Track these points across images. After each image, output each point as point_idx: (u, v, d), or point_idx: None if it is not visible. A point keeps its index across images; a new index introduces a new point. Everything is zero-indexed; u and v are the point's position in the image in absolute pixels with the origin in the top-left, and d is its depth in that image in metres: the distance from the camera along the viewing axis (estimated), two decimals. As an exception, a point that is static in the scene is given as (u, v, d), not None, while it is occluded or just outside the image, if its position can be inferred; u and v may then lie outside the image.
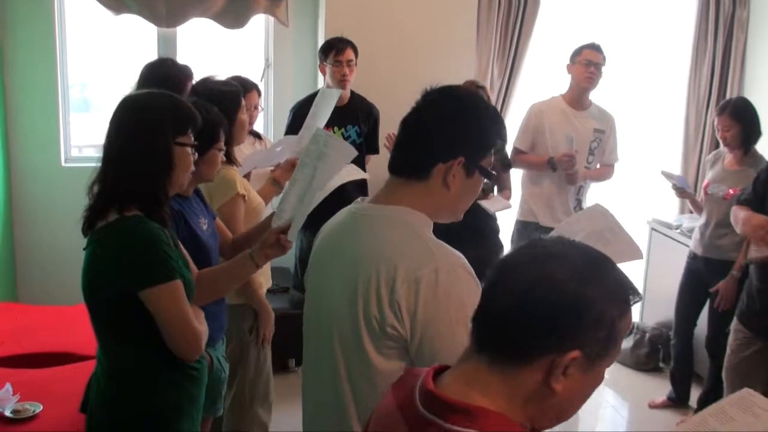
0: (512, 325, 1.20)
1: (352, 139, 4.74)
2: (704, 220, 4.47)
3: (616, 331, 1.21)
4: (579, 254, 1.23)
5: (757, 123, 4.30)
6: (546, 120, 4.83)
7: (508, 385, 1.21)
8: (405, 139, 1.83)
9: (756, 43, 5.64)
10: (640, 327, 5.38)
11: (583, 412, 4.89)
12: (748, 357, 3.71)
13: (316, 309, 1.89)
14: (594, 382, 1.25)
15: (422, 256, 1.69)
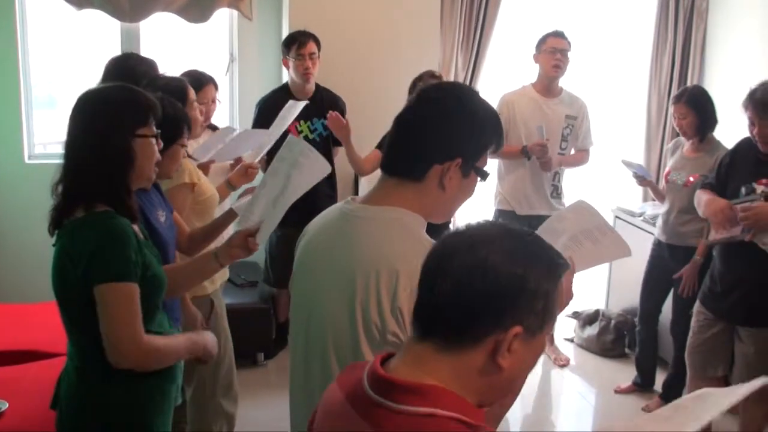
0: (455, 310, 1.24)
1: (318, 131, 4.75)
2: (667, 207, 4.54)
3: (551, 302, 1.26)
4: (509, 236, 1.28)
5: (713, 111, 4.37)
6: (517, 110, 4.90)
7: (456, 367, 1.25)
8: (400, 139, 1.79)
9: (715, 32, 5.72)
10: (605, 314, 5.45)
11: (551, 398, 4.97)
12: (710, 338, 3.78)
13: (307, 315, 1.84)
14: (536, 353, 1.30)
15: (422, 259, 1.65)
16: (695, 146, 4.42)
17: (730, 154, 3.79)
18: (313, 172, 2.28)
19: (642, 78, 5.88)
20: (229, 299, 4.68)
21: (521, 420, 4.65)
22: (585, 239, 1.99)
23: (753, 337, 3.60)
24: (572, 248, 1.93)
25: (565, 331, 5.59)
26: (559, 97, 4.94)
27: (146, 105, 2.26)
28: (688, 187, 4.32)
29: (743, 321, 3.62)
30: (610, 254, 2.13)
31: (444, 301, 1.24)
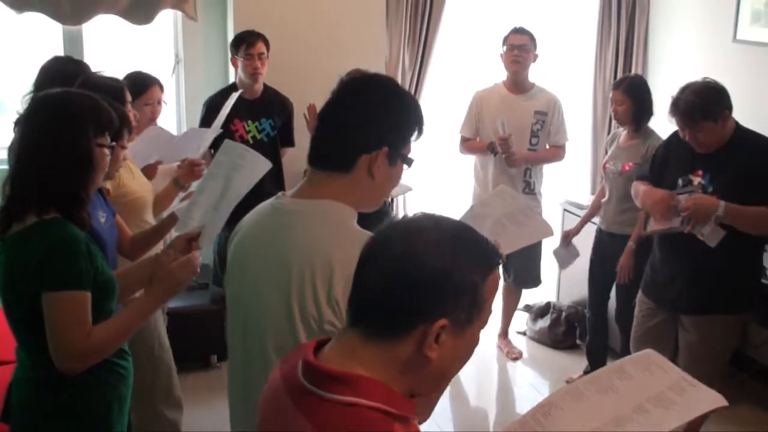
0: (380, 300, 1.26)
1: (266, 132, 4.74)
2: (607, 196, 4.63)
3: (481, 296, 1.27)
4: (439, 228, 1.29)
5: (649, 101, 4.48)
6: (485, 106, 4.97)
7: (384, 357, 1.26)
8: (325, 132, 1.81)
9: (657, 25, 5.82)
10: (556, 306, 5.52)
11: (504, 391, 5.02)
12: (653, 327, 3.86)
13: (243, 312, 1.85)
14: (469, 345, 1.31)
15: (356, 250, 1.67)
16: (630, 135, 4.52)
17: (664, 147, 3.87)
18: (254, 171, 2.30)
19: (587, 72, 5.95)
20: (180, 302, 4.69)
21: (475, 414, 4.70)
22: (509, 223, 2.05)
23: (695, 325, 3.68)
24: (498, 232, 1.99)
25: (517, 325, 5.65)
26: (529, 92, 4.99)
27: (108, 116, 2.27)
28: (623, 175, 4.43)
29: (685, 310, 3.70)
30: (534, 235, 2.21)
31: (371, 290, 1.27)
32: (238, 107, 4.60)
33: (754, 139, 3.58)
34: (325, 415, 1.22)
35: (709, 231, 3.46)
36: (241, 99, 4.64)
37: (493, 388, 5.08)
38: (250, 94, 4.69)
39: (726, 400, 1.70)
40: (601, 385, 1.68)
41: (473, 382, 5.03)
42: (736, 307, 3.66)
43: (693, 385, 1.73)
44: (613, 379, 1.70)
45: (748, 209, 3.45)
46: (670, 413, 1.63)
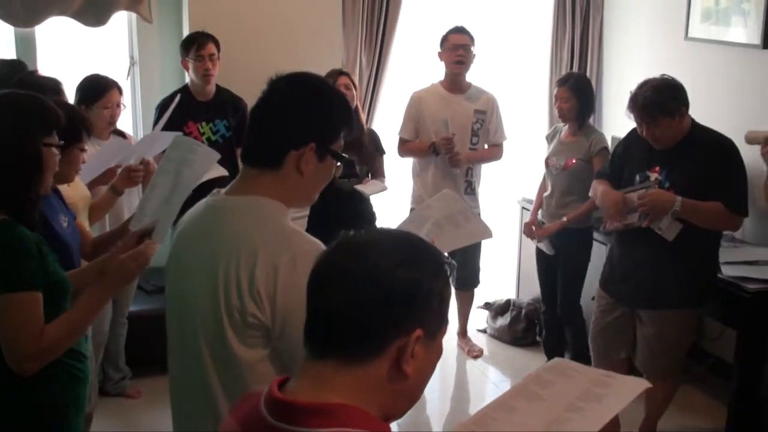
0: (352, 324, 1.21)
1: (221, 133, 4.71)
2: (549, 191, 4.68)
3: (444, 301, 1.27)
4: (394, 240, 1.28)
5: (593, 99, 4.63)
6: (425, 107, 4.95)
7: (360, 381, 1.22)
8: (255, 130, 1.84)
9: (611, 23, 5.88)
10: (516, 304, 5.54)
11: (465, 390, 5.04)
12: (612, 322, 3.90)
13: (179, 308, 1.87)
14: (436, 356, 1.30)
15: (280, 243, 1.71)
16: (572, 131, 4.59)
17: (623, 144, 3.93)
18: (204, 165, 2.30)
19: (543, 70, 6.00)
20: (139, 306, 4.66)
21: (436, 414, 4.71)
22: (448, 224, 2.09)
23: (653, 320, 3.73)
24: (435, 232, 2.02)
25: (477, 323, 5.68)
26: (467, 92, 4.99)
27: (55, 115, 2.26)
28: (567, 170, 4.50)
29: (643, 304, 3.75)
30: (473, 236, 2.25)
31: (341, 314, 1.22)
32: (191, 109, 4.59)
33: (710, 136, 3.65)
34: None
35: (666, 225, 3.53)
36: (193, 101, 4.63)
37: (455, 387, 5.10)
38: (202, 96, 4.67)
39: (648, 383, 1.76)
40: (528, 395, 1.71)
41: (435, 380, 5.03)
42: (693, 302, 3.72)
43: (613, 377, 1.77)
44: (536, 389, 1.73)
45: (704, 204, 3.52)
46: (604, 405, 1.66)
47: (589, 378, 1.77)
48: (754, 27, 4.51)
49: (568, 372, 1.79)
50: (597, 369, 1.89)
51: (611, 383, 1.74)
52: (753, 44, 4.53)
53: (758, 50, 4.50)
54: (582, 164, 4.46)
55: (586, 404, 1.66)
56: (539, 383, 1.74)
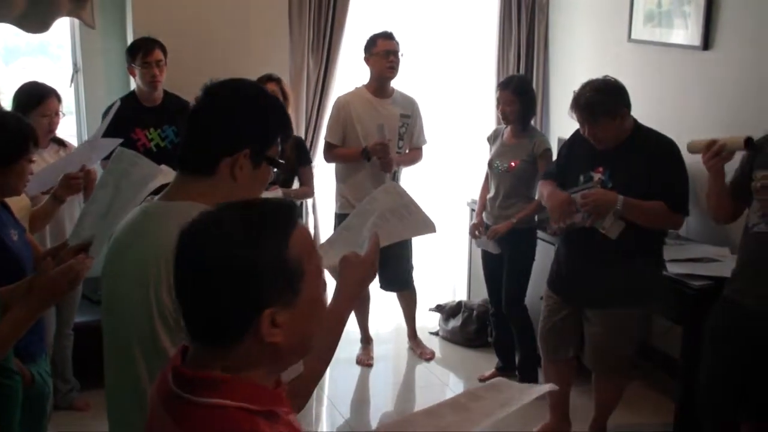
0: (206, 316, 1.26)
1: (170, 139, 4.66)
2: (493, 192, 4.71)
3: (292, 263, 1.26)
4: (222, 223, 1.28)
5: (535, 101, 4.70)
6: (353, 111, 4.91)
7: (235, 359, 1.27)
8: (189, 135, 1.84)
9: (557, 25, 5.95)
10: (467, 305, 5.57)
11: (417, 392, 5.05)
12: (559, 321, 3.95)
13: (113, 315, 1.85)
14: (312, 306, 1.32)
15: None
16: (515, 133, 4.62)
17: (568, 144, 3.98)
18: (145, 178, 2.27)
19: (489, 72, 6.03)
20: (86, 316, 4.58)
21: (389, 416, 4.71)
22: (392, 216, 2.09)
23: (600, 319, 3.78)
24: (378, 224, 2.02)
25: (429, 325, 5.69)
26: (392, 97, 4.98)
27: None
28: (511, 172, 4.53)
29: (590, 303, 3.80)
30: (416, 230, 2.26)
31: (194, 308, 1.27)
32: (139, 115, 4.53)
33: (651, 136, 3.71)
34: (194, 419, 1.24)
35: (609, 224, 3.59)
36: (141, 107, 4.57)
37: (407, 389, 5.11)
38: (149, 102, 4.61)
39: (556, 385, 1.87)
40: (457, 406, 1.76)
41: (387, 383, 5.05)
42: (640, 300, 3.77)
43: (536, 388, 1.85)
44: (466, 401, 1.78)
45: (645, 204, 3.57)
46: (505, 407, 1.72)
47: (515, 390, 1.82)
48: (695, 29, 4.59)
49: (502, 388, 1.83)
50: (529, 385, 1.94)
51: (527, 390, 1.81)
52: (694, 46, 4.61)
53: (699, 51, 4.58)
54: (526, 166, 4.50)
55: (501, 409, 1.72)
56: (471, 397, 1.78)
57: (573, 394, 4.18)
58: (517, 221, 4.52)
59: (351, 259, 1.88)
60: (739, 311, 3.25)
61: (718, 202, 3.41)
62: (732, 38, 4.42)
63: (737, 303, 3.26)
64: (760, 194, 3.18)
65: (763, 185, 3.16)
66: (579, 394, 4.28)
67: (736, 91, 4.39)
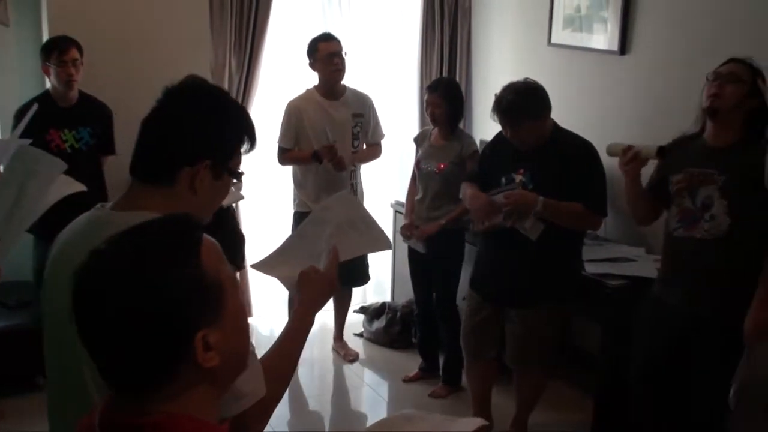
0: (132, 364, 1.15)
1: (85, 140, 4.55)
2: (421, 194, 4.73)
3: (209, 279, 1.18)
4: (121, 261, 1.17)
5: (463, 104, 4.72)
6: (305, 115, 4.89)
7: (172, 395, 1.17)
8: (146, 142, 1.72)
9: (479, 29, 6.01)
10: (391, 306, 5.59)
11: (341, 394, 5.04)
12: (481, 321, 3.98)
13: (59, 327, 1.72)
14: (239, 319, 1.25)
15: None
16: (443, 135, 4.65)
17: (490, 146, 4.03)
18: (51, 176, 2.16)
19: (412, 74, 6.06)
20: (2, 322, 4.47)
21: (312, 417, 4.70)
22: (350, 229, 2.04)
23: (521, 318, 3.83)
24: (338, 237, 1.98)
25: (354, 327, 5.69)
26: (343, 97, 4.98)
27: None
28: (439, 174, 4.57)
29: (511, 302, 3.85)
30: (372, 246, 2.21)
31: (111, 359, 1.16)
32: (53, 116, 4.41)
33: (571, 139, 3.78)
34: None
35: (529, 225, 3.64)
36: (55, 107, 4.45)
37: (331, 391, 5.10)
38: (64, 102, 4.49)
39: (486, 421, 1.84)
40: None
41: (311, 385, 5.03)
42: (559, 299, 3.83)
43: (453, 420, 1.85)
44: None
45: (564, 204, 3.63)
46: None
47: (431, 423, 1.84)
48: (613, 34, 4.70)
49: (413, 419, 1.85)
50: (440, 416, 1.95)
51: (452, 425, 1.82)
52: (611, 51, 4.71)
53: (616, 56, 4.69)
54: (454, 168, 4.53)
55: None
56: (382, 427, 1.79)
57: (495, 392, 4.23)
58: (446, 222, 4.54)
59: (311, 274, 1.84)
60: (666, 310, 3.34)
61: (637, 205, 3.50)
62: (646, 43, 4.54)
63: (664, 302, 3.35)
64: (676, 198, 3.28)
65: (678, 189, 3.26)
66: (500, 392, 4.33)
67: (650, 94, 4.51)
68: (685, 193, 3.24)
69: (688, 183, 3.23)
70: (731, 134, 3.18)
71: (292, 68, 5.50)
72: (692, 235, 3.22)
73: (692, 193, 3.22)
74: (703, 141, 3.27)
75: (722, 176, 3.14)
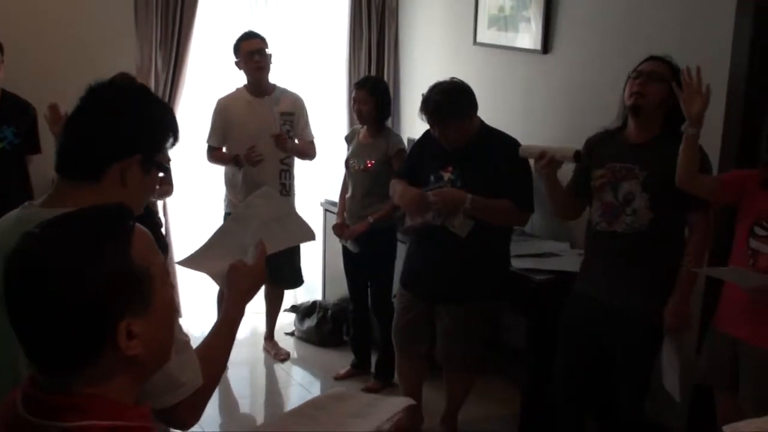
0: (56, 345, 1.17)
1: (8, 139, 4.46)
2: (351, 192, 4.75)
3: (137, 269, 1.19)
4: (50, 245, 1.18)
5: (390, 102, 4.74)
6: (233, 114, 4.88)
7: (94, 377, 1.19)
8: (73, 139, 1.73)
9: (406, 28, 6.06)
10: (322, 305, 5.59)
11: (274, 393, 5.03)
12: (412, 318, 4.01)
13: None
14: (166, 313, 1.26)
15: None
16: (371, 133, 4.68)
17: (419, 144, 4.06)
18: None
19: (340, 73, 6.07)
20: None
21: (245, 418, 4.67)
22: (275, 224, 2.08)
23: (451, 314, 3.87)
24: (263, 232, 2.01)
25: (285, 326, 5.68)
26: (272, 95, 4.96)
27: None
28: (367, 171, 4.59)
29: (441, 299, 3.88)
30: (297, 238, 2.27)
31: (37, 339, 1.18)
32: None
33: (498, 136, 3.83)
34: None
35: (458, 222, 3.68)
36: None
37: (263, 391, 5.08)
38: None
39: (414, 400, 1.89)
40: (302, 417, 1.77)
41: (242, 386, 5.00)
42: (488, 295, 3.88)
43: (382, 399, 1.87)
44: (311, 411, 1.80)
45: (493, 202, 3.68)
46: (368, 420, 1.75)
47: (361, 401, 1.86)
48: (536, 33, 4.79)
49: (344, 397, 1.87)
50: (370, 395, 2.02)
51: (379, 404, 1.84)
52: (535, 49, 4.80)
53: (539, 55, 4.78)
54: (380, 166, 4.55)
55: (353, 420, 1.73)
56: (314, 407, 1.80)
57: (425, 388, 4.26)
58: (375, 221, 4.56)
59: (239, 268, 1.87)
60: (590, 303, 3.42)
61: (557, 202, 3.59)
62: (567, 42, 4.64)
63: (588, 296, 3.43)
64: (599, 193, 3.36)
65: (600, 184, 3.34)
66: (431, 388, 4.37)
67: (572, 92, 4.61)
68: (608, 188, 3.32)
69: (610, 178, 3.31)
70: (652, 130, 3.28)
71: (219, 66, 5.45)
72: (614, 229, 3.31)
73: (614, 188, 3.31)
74: (624, 136, 3.36)
75: (644, 171, 3.24)
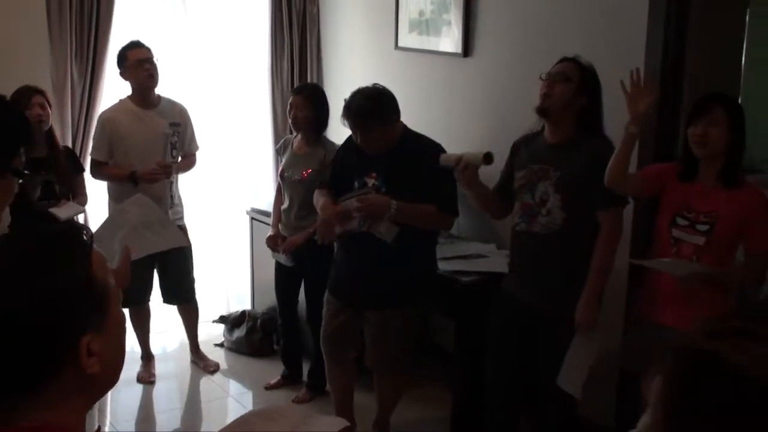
0: (13, 361, 1.13)
1: None
2: (287, 203, 4.68)
3: (97, 285, 1.19)
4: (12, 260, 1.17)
5: (327, 110, 4.62)
6: (120, 126, 4.70)
7: (47, 400, 1.15)
8: None
9: (328, 34, 6.05)
10: (251, 314, 5.53)
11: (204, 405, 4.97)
12: (340, 326, 4.00)
13: None
14: (119, 330, 1.26)
15: None
16: (306, 141, 4.62)
17: (342, 151, 4.05)
18: None
19: (263, 80, 6.01)
20: None
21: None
22: (145, 230, 2.08)
23: (378, 319, 3.87)
24: (131, 237, 2.00)
25: (214, 337, 5.61)
26: (159, 106, 4.81)
27: None
28: (303, 182, 4.52)
29: (368, 305, 3.88)
30: (170, 243, 2.28)
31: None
32: None
33: (421, 141, 3.85)
34: None
35: (384, 229, 3.68)
36: None
37: (194, 404, 5.01)
38: None
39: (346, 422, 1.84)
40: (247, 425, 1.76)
41: (174, 400, 4.93)
42: (415, 298, 3.90)
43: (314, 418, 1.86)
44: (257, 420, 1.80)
45: (418, 207, 3.70)
46: None
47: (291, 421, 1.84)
48: (456, 37, 4.82)
49: (272, 415, 1.85)
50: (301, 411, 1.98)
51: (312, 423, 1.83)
52: (456, 53, 4.84)
53: (460, 58, 4.81)
54: (318, 175, 4.42)
55: None
56: (241, 426, 1.78)
57: (356, 394, 4.26)
58: (314, 231, 4.47)
59: None
60: (516, 304, 3.47)
61: (481, 204, 3.65)
62: (488, 45, 4.68)
63: (514, 296, 3.48)
64: (519, 194, 3.41)
65: (520, 185, 3.40)
66: (362, 394, 4.37)
67: (493, 94, 4.65)
68: (526, 189, 3.38)
69: (529, 179, 3.37)
70: (566, 131, 3.34)
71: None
72: (531, 229, 3.37)
73: (531, 189, 3.37)
74: (543, 138, 3.42)
75: (557, 172, 3.30)
